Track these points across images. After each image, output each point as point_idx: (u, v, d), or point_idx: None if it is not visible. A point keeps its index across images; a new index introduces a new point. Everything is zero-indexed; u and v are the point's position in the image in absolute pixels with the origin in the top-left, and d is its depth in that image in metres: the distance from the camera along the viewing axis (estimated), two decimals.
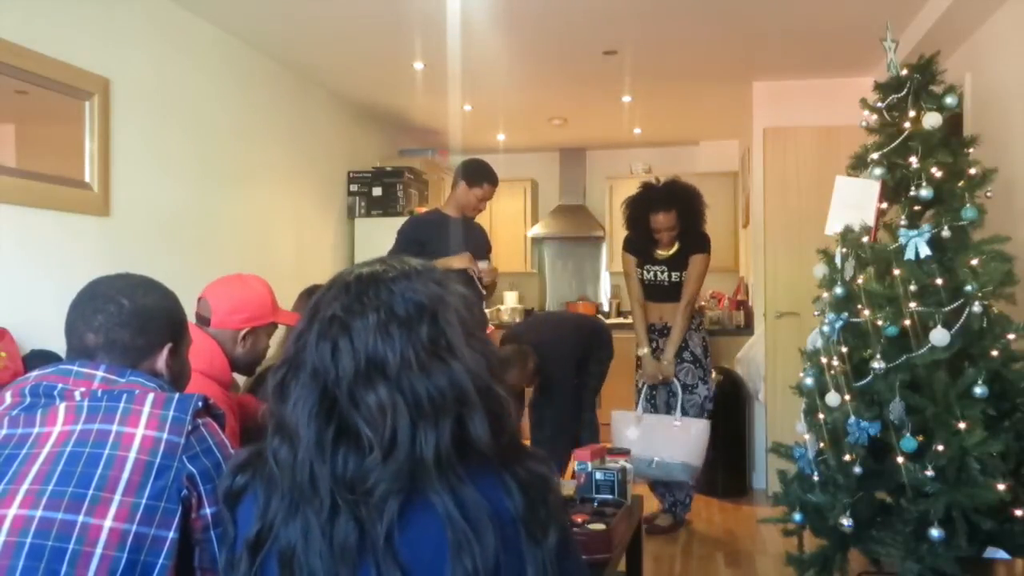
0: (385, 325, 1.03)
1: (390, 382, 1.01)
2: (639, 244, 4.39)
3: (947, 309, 2.60)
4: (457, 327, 1.07)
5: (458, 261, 3.74)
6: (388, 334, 1.03)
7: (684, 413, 4.21)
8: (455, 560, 0.97)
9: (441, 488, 0.99)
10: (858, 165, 3.01)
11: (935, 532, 2.46)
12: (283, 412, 1.05)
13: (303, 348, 1.06)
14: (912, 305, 2.62)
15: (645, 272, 4.37)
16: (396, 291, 1.06)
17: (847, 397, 2.71)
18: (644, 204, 4.30)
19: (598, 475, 2.68)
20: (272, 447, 1.05)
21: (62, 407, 1.30)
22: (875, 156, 2.90)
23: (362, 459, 1.00)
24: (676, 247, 4.33)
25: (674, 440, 4.09)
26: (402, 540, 0.98)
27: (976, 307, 2.56)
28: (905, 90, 2.88)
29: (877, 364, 2.65)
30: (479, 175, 3.97)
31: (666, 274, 4.32)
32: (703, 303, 5.93)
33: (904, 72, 2.90)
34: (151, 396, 1.31)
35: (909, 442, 2.54)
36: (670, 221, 4.23)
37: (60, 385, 1.33)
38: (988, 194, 2.76)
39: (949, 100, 2.80)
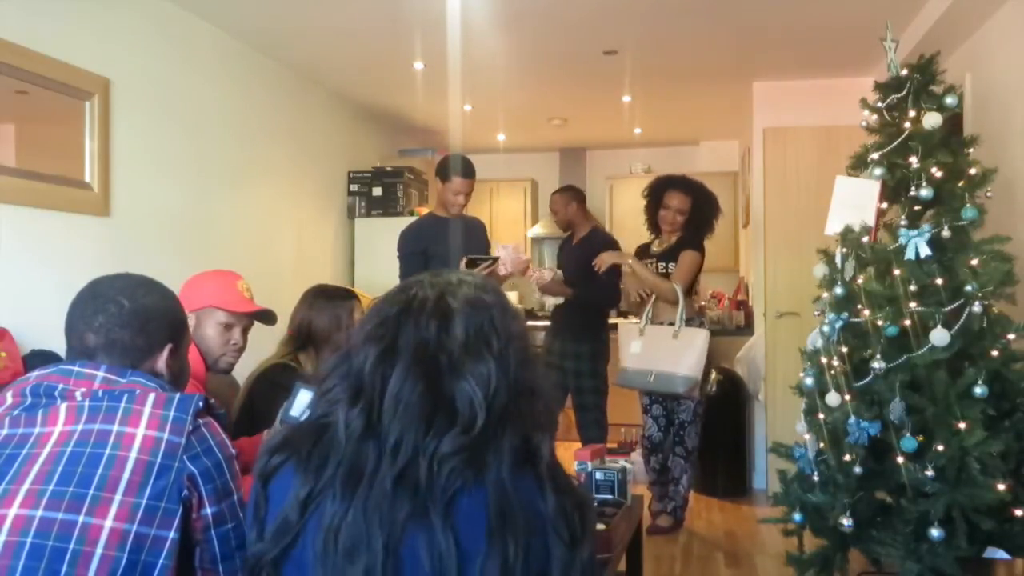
0: (487, 336, 1.12)
1: (495, 358, 1.10)
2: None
3: (947, 309, 2.60)
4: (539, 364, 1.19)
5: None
6: (489, 343, 1.11)
7: (677, 417, 4.23)
8: (495, 536, 1.02)
9: (497, 469, 1.05)
10: (858, 165, 3.01)
11: (935, 532, 2.46)
12: (371, 381, 1.09)
13: (399, 325, 1.11)
14: (912, 305, 2.62)
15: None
16: (507, 315, 1.16)
17: (847, 397, 2.70)
18: (665, 183, 4.38)
19: (598, 475, 2.68)
20: (347, 415, 1.09)
21: (63, 407, 1.30)
22: (875, 156, 2.89)
23: (450, 428, 1.05)
24: (673, 240, 4.34)
25: (674, 352, 4.08)
26: (457, 508, 1.03)
27: (976, 307, 2.56)
28: (905, 90, 2.87)
29: (877, 364, 2.64)
30: (449, 169, 3.93)
31: (653, 266, 4.32)
32: (703, 303, 5.93)
33: (904, 72, 2.90)
34: (152, 396, 1.31)
35: (909, 442, 2.54)
36: (683, 204, 4.27)
37: (61, 385, 1.33)
38: (988, 194, 2.76)
39: (949, 100, 2.80)
